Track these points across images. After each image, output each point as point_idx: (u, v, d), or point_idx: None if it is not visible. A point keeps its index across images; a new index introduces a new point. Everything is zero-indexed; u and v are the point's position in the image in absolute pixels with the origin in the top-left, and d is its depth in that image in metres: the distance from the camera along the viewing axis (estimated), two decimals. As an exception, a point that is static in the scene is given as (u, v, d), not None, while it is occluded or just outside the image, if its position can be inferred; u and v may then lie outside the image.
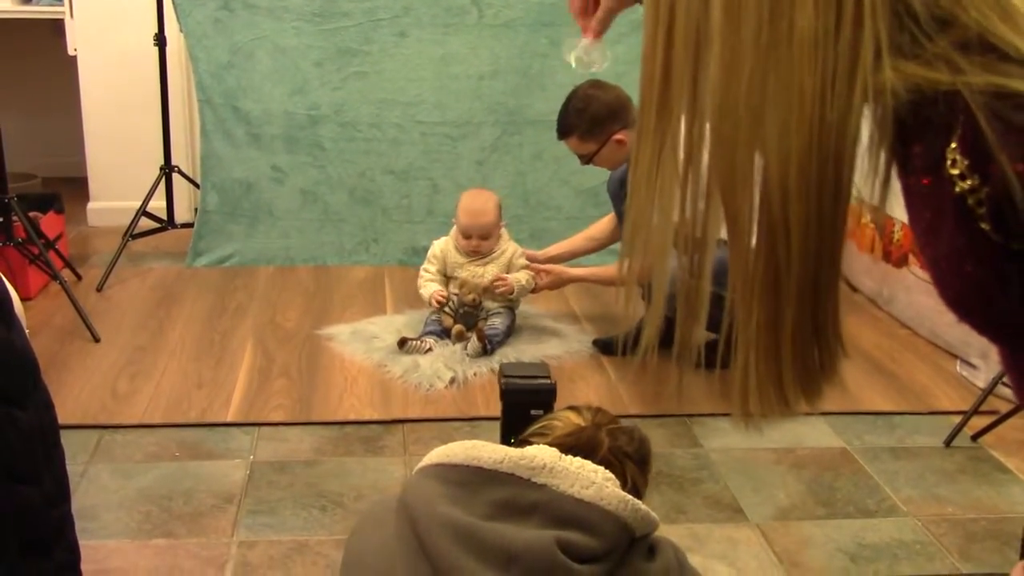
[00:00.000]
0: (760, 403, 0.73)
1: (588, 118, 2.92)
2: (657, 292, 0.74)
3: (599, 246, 3.39)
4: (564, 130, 2.98)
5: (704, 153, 0.69)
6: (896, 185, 0.70)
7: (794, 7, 0.62)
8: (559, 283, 3.24)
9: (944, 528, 2.24)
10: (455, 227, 3.22)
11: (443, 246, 3.23)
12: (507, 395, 2.19)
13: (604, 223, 3.35)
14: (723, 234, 0.70)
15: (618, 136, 2.93)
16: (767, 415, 0.73)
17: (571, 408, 1.50)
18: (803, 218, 0.65)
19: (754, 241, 0.68)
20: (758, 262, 0.68)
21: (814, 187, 0.64)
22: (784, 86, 0.63)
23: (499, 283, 3.08)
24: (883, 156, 0.67)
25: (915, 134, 0.64)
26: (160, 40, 3.65)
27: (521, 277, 3.14)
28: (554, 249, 3.38)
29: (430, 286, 3.17)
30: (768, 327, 0.70)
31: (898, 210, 0.70)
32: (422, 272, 3.23)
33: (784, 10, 0.62)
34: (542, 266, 3.22)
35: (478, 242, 3.15)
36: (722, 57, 0.65)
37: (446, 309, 3.11)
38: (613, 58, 4.15)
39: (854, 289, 3.62)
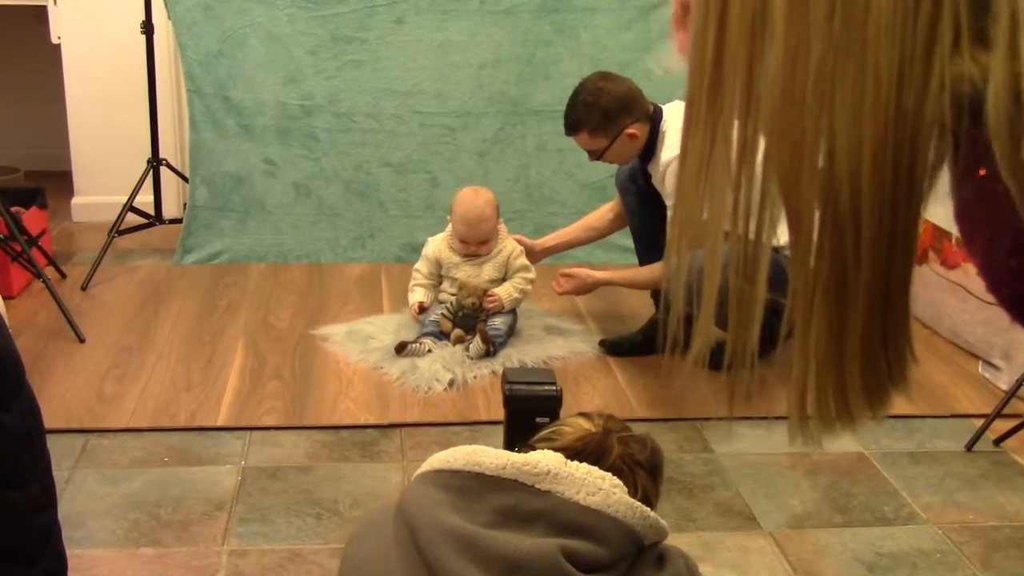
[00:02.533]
0: (820, 416, 0.70)
1: (599, 112, 2.90)
2: (707, 299, 0.71)
3: (597, 236, 3.40)
4: (573, 125, 2.97)
5: (760, 145, 0.66)
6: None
7: None
8: (585, 288, 3.19)
9: (965, 536, 2.24)
10: (450, 225, 3.22)
11: (437, 245, 3.24)
12: (511, 402, 2.19)
13: (602, 212, 3.35)
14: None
15: (630, 130, 2.92)
16: (828, 428, 0.71)
17: (582, 414, 1.50)
18: (876, 213, 0.63)
19: (816, 240, 0.66)
20: (821, 263, 0.66)
21: (888, 178, 0.62)
22: (858, 70, 0.61)
23: (489, 299, 3.09)
24: (944, 145, 0.65)
25: (981, 122, 0.62)
26: (147, 28, 3.65)
27: (513, 290, 3.14)
28: (550, 239, 3.38)
29: (417, 292, 3.21)
30: (831, 334, 0.67)
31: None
32: (413, 273, 3.26)
33: None
34: (566, 270, 3.20)
35: (477, 246, 3.16)
36: (787, 41, 0.63)
37: (443, 312, 3.12)
38: (620, 46, 4.15)
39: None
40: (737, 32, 0.65)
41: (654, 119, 2.94)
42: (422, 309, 3.16)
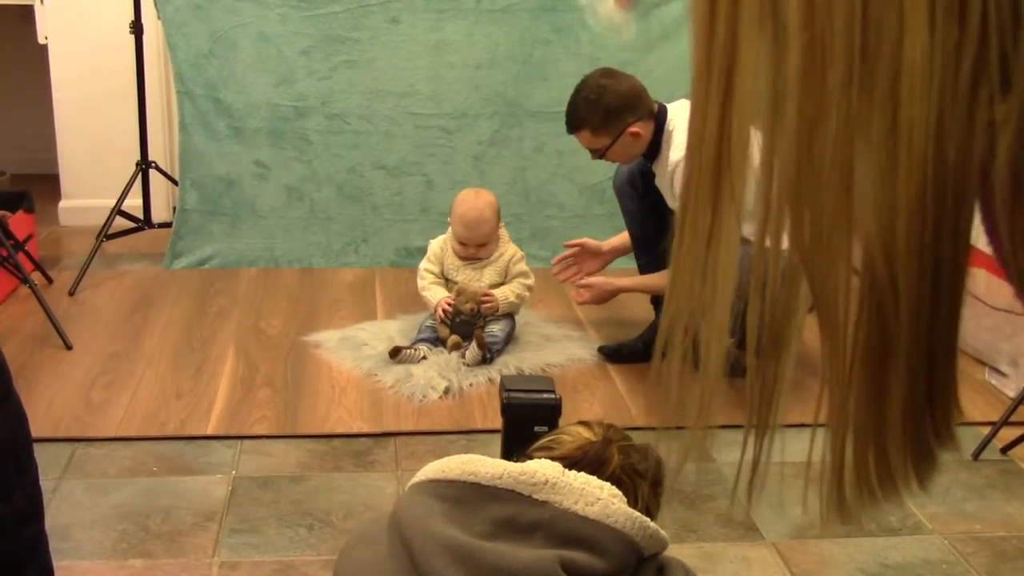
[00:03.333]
0: (860, 492, 0.68)
1: (601, 110, 2.90)
2: (706, 406, 0.68)
3: None
4: (575, 123, 2.96)
5: (783, 224, 0.62)
6: None
7: (903, 37, 0.56)
8: (605, 296, 3.16)
9: (972, 546, 2.24)
10: (450, 228, 3.22)
11: (441, 245, 3.24)
12: (508, 410, 2.19)
13: None
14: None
15: (633, 128, 2.92)
16: (871, 503, 0.67)
17: (582, 423, 1.50)
18: (915, 276, 0.59)
19: (852, 312, 0.62)
20: (858, 334, 0.62)
21: (929, 237, 0.59)
22: (887, 130, 0.57)
23: (485, 299, 3.08)
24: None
25: None
26: (136, 28, 3.65)
27: (511, 293, 3.14)
28: (615, 240, 3.31)
29: (436, 291, 3.16)
30: (871, 403, 0.64)
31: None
32: (424, 273, 3.22)
33: (884, 43, 0.56)
34: (584, 280, 3.19)
35: (476, 249, 3.16)
36: (801, 112, 0.59)
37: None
38: (619, 46, 4.13)
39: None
40: (746, 107, 0.62)
41: (658, 118, 2.94)
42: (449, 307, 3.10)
